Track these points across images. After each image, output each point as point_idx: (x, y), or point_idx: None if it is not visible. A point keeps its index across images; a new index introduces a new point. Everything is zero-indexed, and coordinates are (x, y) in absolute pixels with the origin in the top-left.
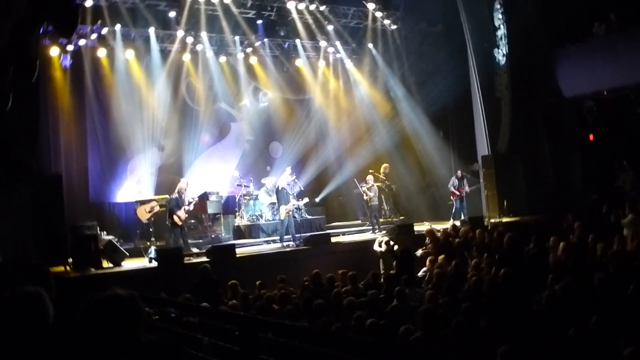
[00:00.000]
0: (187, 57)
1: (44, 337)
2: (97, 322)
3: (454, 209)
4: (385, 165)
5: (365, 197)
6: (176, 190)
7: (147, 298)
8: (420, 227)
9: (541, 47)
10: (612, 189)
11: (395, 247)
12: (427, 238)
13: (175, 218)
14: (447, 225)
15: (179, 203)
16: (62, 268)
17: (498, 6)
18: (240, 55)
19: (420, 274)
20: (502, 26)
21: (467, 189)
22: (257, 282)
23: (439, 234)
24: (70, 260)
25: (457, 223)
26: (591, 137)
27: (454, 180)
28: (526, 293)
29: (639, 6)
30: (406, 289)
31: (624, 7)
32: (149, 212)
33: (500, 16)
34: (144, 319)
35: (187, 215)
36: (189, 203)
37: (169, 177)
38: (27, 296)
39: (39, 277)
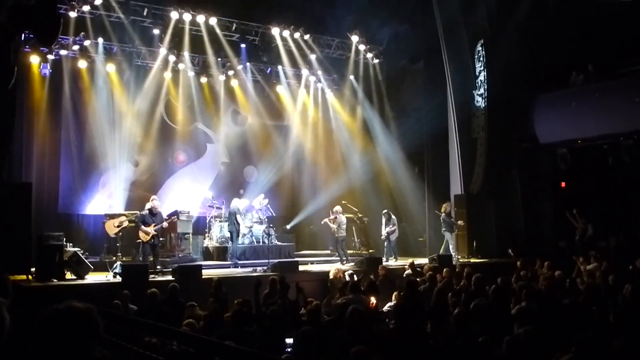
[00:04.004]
0: (168, 75)
1: None
2: (51, 333)
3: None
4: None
5: (333, 228)
6: (148, 207)
7: (105, 313)
8: (388, 263)
9: (519, 92)
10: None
11: (356, 280)
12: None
13: (141, 234)
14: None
15: (145, 219)
16: (24, 277)
17: (480, 48)
18: (222, 78)
19: (385, 308)
20: (482, 69)
21: (386, 230)
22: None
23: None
24: (33, 269)
25: (426, 260)
26: (563, 184)
27: (383, 220)
28: (487, 336)
29: (616, 58)
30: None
31: (601, 58)
32: (118, 226)
33: (481, 59)
34: (100, 334)
35: (155, 233)
36: (165, 220)
37: (141, 193)
38: None
39: None
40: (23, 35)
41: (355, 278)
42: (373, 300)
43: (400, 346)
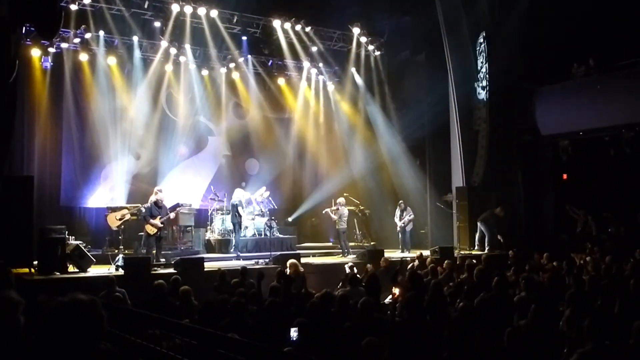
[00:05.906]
0: (169, 67)
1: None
2: (56, 326)
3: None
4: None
5: (334, 219)
6: (154, 200)
7: (109, 306)
8: (391, 254)
9: (521, 85)
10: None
11: (356, 272)
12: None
13: (148, 227)
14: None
15: (152, 212)
16: (26, 270)
17: (481, 40)
18: (223, 70)
19: (386, 301)
20: (484, 61)
21: (403, 221)
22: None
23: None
24: (35, 262)
25: (427, 252)
26: (565, 176)
27: (397, 211)
28: (488, 328)
29: (617, 50)
30: None
31: (602, 50)
32: (120, 219)
33: (483, 51)
34: (104, 327)
35: (162, 225)
36: (172, 211)
37: (142, 186)
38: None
39: None
40: (24, 28)
41: (355, 270)
42: (396, 291)
43: (409, 338)
